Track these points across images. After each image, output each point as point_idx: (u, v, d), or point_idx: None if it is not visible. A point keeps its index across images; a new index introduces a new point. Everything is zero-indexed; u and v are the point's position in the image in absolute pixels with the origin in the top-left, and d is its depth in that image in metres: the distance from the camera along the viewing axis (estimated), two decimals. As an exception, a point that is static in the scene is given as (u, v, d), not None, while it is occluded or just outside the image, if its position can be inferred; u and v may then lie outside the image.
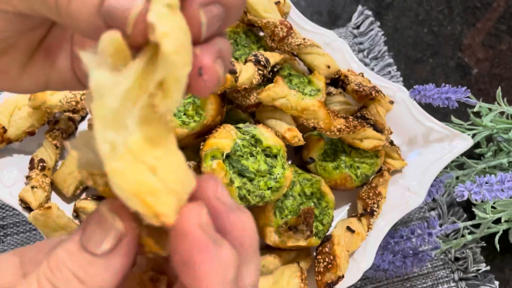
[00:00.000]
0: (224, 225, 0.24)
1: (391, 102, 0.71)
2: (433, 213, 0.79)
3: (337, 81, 0.73)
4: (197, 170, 0.60)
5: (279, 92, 0.64)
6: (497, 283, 0.75)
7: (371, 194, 0.68)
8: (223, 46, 0.25)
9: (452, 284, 0.74)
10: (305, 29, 0.76)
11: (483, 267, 0.75)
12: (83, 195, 0.69)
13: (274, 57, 0.68)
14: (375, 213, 0.67)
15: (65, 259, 0.23)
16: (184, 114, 0.62)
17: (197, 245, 0.22)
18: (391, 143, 0.72)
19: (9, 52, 0.29)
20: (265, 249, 0.66)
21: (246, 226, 0.24)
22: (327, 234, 0.66)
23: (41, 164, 0.65)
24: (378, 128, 0.69)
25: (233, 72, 0.61)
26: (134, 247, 0.24)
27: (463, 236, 0.74)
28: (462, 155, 0.73)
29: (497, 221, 0.75)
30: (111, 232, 0.23)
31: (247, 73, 0.63)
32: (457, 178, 0.77)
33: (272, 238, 0.63)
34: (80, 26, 0.23)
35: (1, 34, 0.26)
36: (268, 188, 0.59)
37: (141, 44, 0.22)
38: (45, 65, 0.31)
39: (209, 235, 0.22)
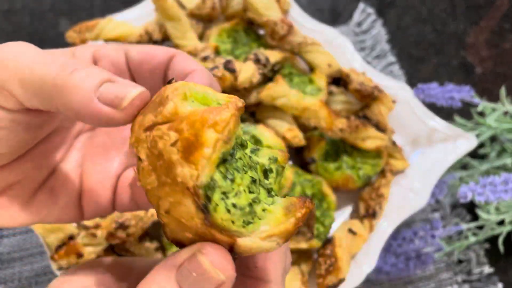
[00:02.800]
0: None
1: (394, 102, 0.70)
2: (436, 214, 0.78)
3: (338, 80, 0.72)
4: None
5: (280, 91, 0.63)
6: (501, 285, 0.74)
7: (373, 195, 0.67)
8: None
9: (455, 287, 0.73)
10: (306, 27, 0.75)
11: (487, 269, 0.74)
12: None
13: (274, 56, 0.67)
14: (377, 214, 0.66)
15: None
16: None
17: None
18: (394, 143, 0.71)
19: (14, 188, 0.30)
20: (265, 251, 0.65)
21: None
22: (329, 236, 0.65)
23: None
24: (380, 128, 0.68)
25: (232, 71, 0.60)
26: None
27: (466, 238, 0.73)
28: (465, 155, 0.72)
29: (501, 223, 0.74)
30: (213, 282, 0.24)
31: (247, 72, 0.62)
32: (460, 178, 0.76)
33: (273, 240, 0.62)
34: (73, 103, 0.24)
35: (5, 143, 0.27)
36: (268, 189, 0.58)
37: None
38: (48, 202, 0.32)
39: None
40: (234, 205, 0.24)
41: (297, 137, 0.64)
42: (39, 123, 0.28)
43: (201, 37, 0.73)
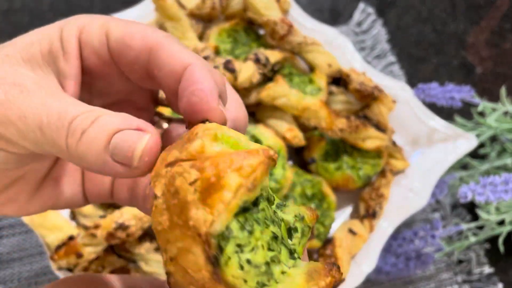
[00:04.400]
0: None
1: (394, 102, 0.70)
2: (436, 214, 0.78)
3: (338, 80, 0.72)
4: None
5: (280, 91, 0.63)
6: (501, 285, 0.74)
7: (373, 195, 0.67)
8: None
9: (456, 287, 0.73)
10: (306, 26, 0.75)
11: (487, 269, 0.74)
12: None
13: (274, 56, 0.67)
14: (377, 214, 0.66)
15: None
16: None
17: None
18: (394, 143, 0.71)
19: (18, 183, 0.29)
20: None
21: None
22: (329, 236, 0.65)
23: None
24: (380, 128, 0.68)
25: (232, 70, 0.60)
26: None
27: (466, 238, 0.73)
28: (466, 155, 0.72)
29: (501, 223, 0.74)
30: None
31: (247, 72, 0.62)
32: (460, 178, 0.76)
33: (273, 240, 0.62)
34: (89, 164, 0.24)
35: (4, 166, 0.27)
36: (268, 189, 0.58)
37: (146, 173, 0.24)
38: (54, 192, 0.31)
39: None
40: (248, 261, 0.21)
41: (297, 137, 0.64)
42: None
43: (201, 37, 0.73)
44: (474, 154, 0.79)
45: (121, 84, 0.30)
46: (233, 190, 0.21)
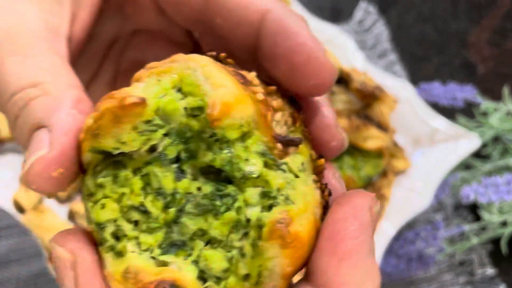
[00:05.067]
0: None
1: (395, 101, 0.69)
2: (438, 215, 0.78)
3: (340, 79, 0.71)
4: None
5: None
6: (503, 286, 0.73)
7: (374, 196, 0.67)
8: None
9: (458, 288, 0.73)
10: (307, 26, 0.75)
11: (489, 270, 0.74)
12: (78, 197, 0.67)
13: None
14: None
15: None
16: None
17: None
18: (395, 143, 0.70)
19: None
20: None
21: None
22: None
23: (35, 164, 0.64)
24: (382, 127, 0.68)
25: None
26: None
27: (468, 238, 0.73)
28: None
29: (504, 224, 0.74)
30: None
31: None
32: (462, 179, 0.76)
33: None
34: None
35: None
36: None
37: None
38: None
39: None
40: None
41: (298, 137, 0.63)
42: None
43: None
44: (476, 154, 0.78)
45: (152, 17, 0.27)
46: (84, 131, 0.20)
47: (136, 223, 0.21)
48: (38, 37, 0.23)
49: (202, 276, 0.21)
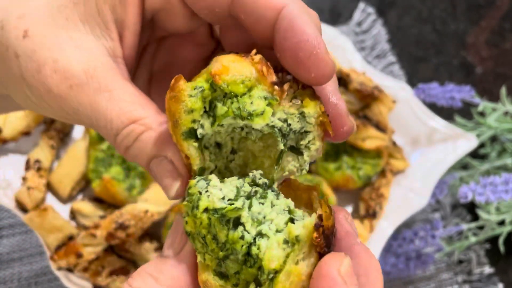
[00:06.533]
0: (349, 249, 0.25)
1: (394, 102, 0.69)
2: (436, 214, 0.78)
3: (339, 80, 0.72)
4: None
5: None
6: (501, 285, 0.74)
7: (373, 196, 0.67)
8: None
9: (456, 287, 0.73)
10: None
11: (487, 269, 0.74)
12: (80, 196, 0.67)
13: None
14: (377, 214, 0.66)
15: (145, 266, 0.27)
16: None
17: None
18: (394, 143, 0.71)
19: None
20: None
21: (373, 263, 0.25)
22: (329, 236, 0.65)
23: (37, 164, 0.64)
24: (380, 127, 0.68)
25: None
26: None
27: (466, 238, 0.73)
28: (466, 155, 0.72)
29: (502, 223, 0.74)
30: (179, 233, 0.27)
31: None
32: (460, 178, 0.76)
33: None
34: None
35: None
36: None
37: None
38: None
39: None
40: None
41: (297, 137, 0.64)
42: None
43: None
44: (474, 154, 0.79)
45: (184, 21, 0.30)
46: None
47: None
48: (110, 69, 0.27)
49: None
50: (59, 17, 0.27)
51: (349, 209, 0.71)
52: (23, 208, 0.62)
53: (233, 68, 0.25)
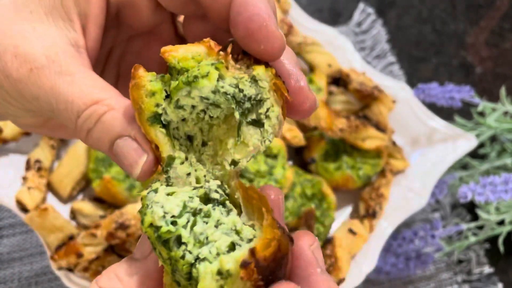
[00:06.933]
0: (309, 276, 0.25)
1: (394, 102, 0.70)
2: (436, 214, 0.78)
3: (338, 80, 0.72)
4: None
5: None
6: (501, 285, 0.74)
7: (373, 195, 0.67)
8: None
9: (455, 287, 0.73)
10: (306, 27, 0.75)
11: (487, 269, 0.74)
12: (80, 196, 0.68)
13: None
14: (377, 214, 0.66)
15: (114, 266, 0.27)
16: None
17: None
18: (394, 143, 0.71)
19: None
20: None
21: None
22: (329, 236, 0.65)
23: (37, 164, 0.64)
24: (380, 127, 0.68)
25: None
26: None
27: (466, 238, 0.73)
28: (465, 155, 0.72)
29: (501, 223, 0.74)
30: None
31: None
32: (460, 178, 0.76)
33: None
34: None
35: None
36: (268, 189, 0.58)
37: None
38: None
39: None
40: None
41: (297, 137, 0.64)
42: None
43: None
44: (474, 154, 0.79)
45: (149, 15, 0.31)
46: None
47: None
48: (72, 56, 0.27)
49: None
50: (23, 10, 0.28)
51: (349, 209, 0.72)
52: (23, 208, 0.62)
53: (183, 47, 0.26)
